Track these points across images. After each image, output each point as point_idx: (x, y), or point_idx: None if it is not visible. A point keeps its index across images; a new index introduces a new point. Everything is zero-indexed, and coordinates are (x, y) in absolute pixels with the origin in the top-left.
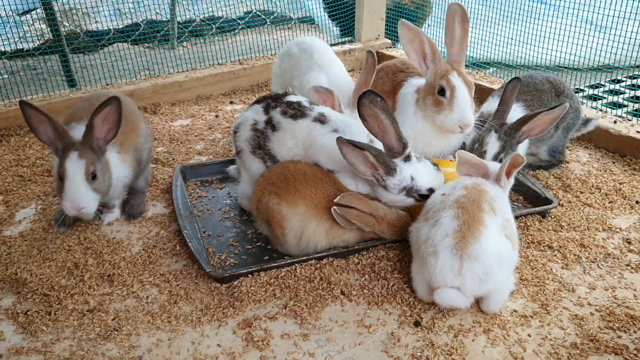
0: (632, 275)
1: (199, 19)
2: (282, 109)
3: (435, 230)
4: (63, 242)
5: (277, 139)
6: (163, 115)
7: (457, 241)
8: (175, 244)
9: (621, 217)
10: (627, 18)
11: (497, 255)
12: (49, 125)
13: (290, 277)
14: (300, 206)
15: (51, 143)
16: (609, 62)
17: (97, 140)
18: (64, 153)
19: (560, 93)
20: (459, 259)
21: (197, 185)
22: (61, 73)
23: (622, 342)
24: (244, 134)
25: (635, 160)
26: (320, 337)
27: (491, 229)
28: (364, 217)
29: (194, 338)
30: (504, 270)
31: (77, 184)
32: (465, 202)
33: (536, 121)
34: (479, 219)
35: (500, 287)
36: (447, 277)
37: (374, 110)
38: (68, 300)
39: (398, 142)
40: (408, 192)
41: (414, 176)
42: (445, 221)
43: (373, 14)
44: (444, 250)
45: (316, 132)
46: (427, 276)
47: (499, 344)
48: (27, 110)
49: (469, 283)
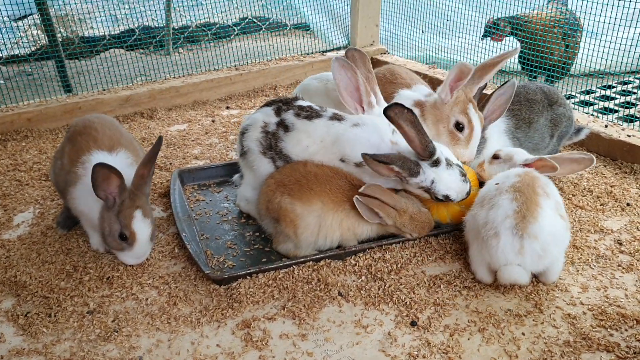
0: (623, 275)
1: (194, 25)
2: (294, 112)
3: (495, 213)
4: (62, 245)
5: (291, 139)
6: (160, 120)
7: (517, 222)
8: (173, 247)
9: (612, 219)
10: (617, 24)
11: (553, 233)
12: (117, 182)
13: (288, 279)
14: (316, 203)
15: (107, 198)
16: (600, 68)
17: (149, 186)
18: (125, 210)
19: (553, 103)
20: (519, 238)
21: (194, 189)
22: (57, 78)
23: (614, 340)
24: (254, 134)
25: (626, 163)
26: (319, 337)
27: (547, 210)
28: (386, 208)
29: (193, 339)
30: (559, 247)
31: (145, 245)
32: (521, 186)
33: (492, 106)
34: (536, 200)
35: (556, 262)
36: (508, 256)
37: (399, 122)
38: (68, 302)
39: (424, 150)
40: (426, 191)
41: (435, 181)
42: (504, 203)
43: (367, 20)
44: (505, 231)
45: (336, 128)
46: (487, 258)
47: (494, 343)
48: (98, 169)
49: (529, 261)
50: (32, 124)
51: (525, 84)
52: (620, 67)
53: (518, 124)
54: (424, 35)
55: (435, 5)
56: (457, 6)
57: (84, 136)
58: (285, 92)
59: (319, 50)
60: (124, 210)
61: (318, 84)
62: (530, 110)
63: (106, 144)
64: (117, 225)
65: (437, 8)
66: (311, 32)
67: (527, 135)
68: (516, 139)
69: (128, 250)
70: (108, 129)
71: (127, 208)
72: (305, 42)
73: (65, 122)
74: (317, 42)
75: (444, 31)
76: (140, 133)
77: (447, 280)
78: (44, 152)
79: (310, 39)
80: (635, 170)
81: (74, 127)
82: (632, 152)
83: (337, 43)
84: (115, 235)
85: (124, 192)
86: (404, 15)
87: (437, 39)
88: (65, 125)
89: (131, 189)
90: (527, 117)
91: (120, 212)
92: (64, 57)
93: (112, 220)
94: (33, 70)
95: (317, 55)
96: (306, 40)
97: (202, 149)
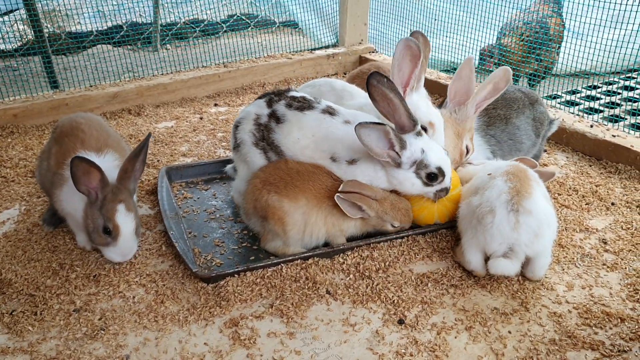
0: (607, 274)
1: (182, 21)
2: (286, 102)
3: (490, 192)
4: (48, 243)
5: (282, 131)
6: (147, 117)
7: (511, 196)
8: (161, 245)
9: (597, 218)
10: (602, 25)
11: (546, 213)
12: (97, 176)
13: (276, 277)
14: (301, 199)
15: (89, 192)
16: (586, 69)
17: (134, 182)
18: (108, 204)
19: (534, 102)
20: (515, 213)
21: (182, 186)
22: (44, 74)
23: (599, 338)
24: (247, 126)
25: (611, 163)
26: (306, 336)
27: (538, 193)
28: (366, 200)
29: (181, 337)
30: (550, 233)
31: (129, 239)
32: (514, 171)
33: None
34: (528, 182)
35: (545, 251)
36: (504, 232)
37: (382, 89)
38: (54, 300)
39: (408, 119)
40: (418, 166)
41: (424, 149)
42: (499, 183)
43: (356, 19)
44: (500, 206)
45: (328, 124)
46: (482, 240)
47: (481, 341)
48: (77, 162)
49: (524, 237)
50: (18, 120)
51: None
52: (605, 67)
53: (490, 121)
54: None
55: (423, 4)
56: (445, 6)
57: (71, 137)
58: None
59: (308, 48)
60: (107, 204)
61: (312, 90)
62: (508, 108)
63: (93, 145)
64: (101, 219)
65: (425, 7)
66: (300, 30)
67: (505, 132)
68: (490, 136)
69: (113, 245)
70: (95, 129)
71: (109, 202)
72: (293, 40)
73: (51, 119)
74: (306, 40)
75: (431, 30)
76: (128, 130)
77: (435, 279)
78: (30, 149)
79: (298, 37)
80: (619, 170)
81: (60, 127)
82: (616, 152)
83: (325, 41)
84: (99, 230)
85: (107, 186)
86: (393, 14)
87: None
88: (52, 121)
89: (115, 184)
90: (502, 114)
91: (103, 206)
92: (50, 52)
93: (96, 215)
94: (19, 66)
95: (306, 53)
96: (295, 38)
97: (190, 146)
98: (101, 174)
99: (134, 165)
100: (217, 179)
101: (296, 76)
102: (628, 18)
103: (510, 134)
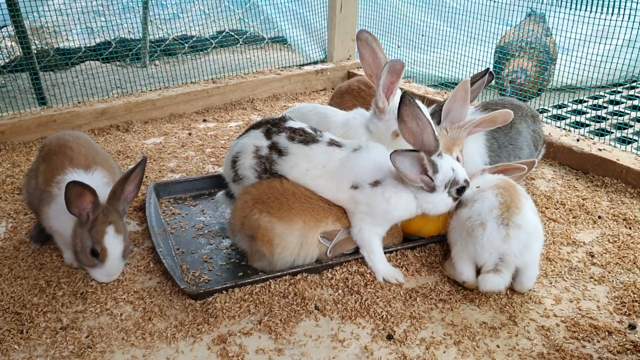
0: (595, 287)
1: (171, 37)
2: (287, 135)
3: (481, 204)
4: (35, 260)
5: (287, 163)
6: (136, 133)
7: (502, 212)
8: (149, 261)
9: (584, 231)
10: (588, 40)
11: (535, 226)
12: (90, 198)
13: (265, 293)
14: (298, 222)
15: (81, 214)
16: (572, 83)
17: (124, 204)
18: (98, 226)
19: (535, 117)
20: (505, 227)
21: (170, 202)
22: (31, 91)
23: (587, 352)
24: (247, 161)
25: (598, 176)
26: (295, 352)
27: (527, 206)
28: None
29: (168, 354)
30: (538, 244)
31: (116, 262)
32: (504, 184)
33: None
34: (518, 197)
35: (533, 262)
36: (495, 244)
37: (414, 109)
38: (40, 318)
39: (435, 140)
40: (451, 186)
41: (454, 168)
42: (489, 197)
43: (344, 35)
44: (491, 220)
45: (338, 155)
46: (472, 251)
47: (469, 355)
48: (71, 186)
49: (514, 248)
50: (6, 136)
51: (499, 99)
52: (592, 82)
53: None
54: (400, 50)
55: (410, 20)
56: (432, 21)
57: (59, 155)
58: (262, 105)
59: (297, 64)
60: (96, 226)
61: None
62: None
63: (82, 163)
64: (89, 241)
65: (413, 23)
66: (288, 46)
67: (508, 136)
68: (494, 139)
69: (99, 267)
70: (83, 147)
71: (99, 224)
72: (282, 56)
73: (39, 135)
74: (295, 56)
75: (419, 46)
76: (116, 146)
77: (423, 293)
78: (17, 166)
79: (287, 53)
80: (606, 183)
81: (48, 145)
82: (603, 166)
83: (314, 57)
84: (86, 251)
85: (97, 208)
86: (380, 30)
87: (413, 54)
88: (40, 138)
89: (105, 205)
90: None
91: (93, 228)
92: (38, 69)
93: (85, 236)
94: (7, 82)
95: (295, 69)
96: (283, 53)
97: (179, 162)
98: (94, 196)
99: (124, 187)
100: (206, 195)
101: (285, 92)
102: (612, 33)
103: (512, 138)
